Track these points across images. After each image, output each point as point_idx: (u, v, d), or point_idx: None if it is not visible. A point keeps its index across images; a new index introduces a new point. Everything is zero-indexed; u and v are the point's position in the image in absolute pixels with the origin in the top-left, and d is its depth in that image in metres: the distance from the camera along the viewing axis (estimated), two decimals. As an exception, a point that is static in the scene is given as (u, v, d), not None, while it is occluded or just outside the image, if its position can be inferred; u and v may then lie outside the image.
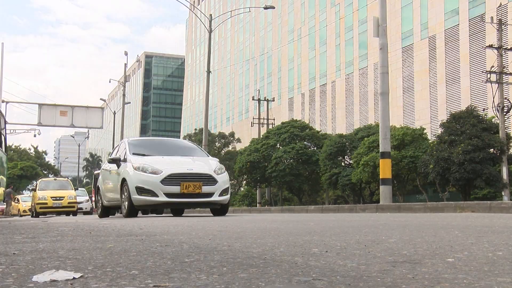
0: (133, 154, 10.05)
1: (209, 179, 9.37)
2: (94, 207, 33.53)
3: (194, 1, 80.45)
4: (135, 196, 9.30)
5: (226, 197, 9.66)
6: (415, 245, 2.28)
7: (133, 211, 9.67)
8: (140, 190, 9.25)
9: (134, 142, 11.01)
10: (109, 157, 11.09)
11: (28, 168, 57.39)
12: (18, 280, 1.47)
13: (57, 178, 26.66)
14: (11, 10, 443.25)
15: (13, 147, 60.83)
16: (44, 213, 23.83)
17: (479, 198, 21.91)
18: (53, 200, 22.53)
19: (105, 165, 11.71)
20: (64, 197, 22.82)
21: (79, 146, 67.70)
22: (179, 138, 48.32)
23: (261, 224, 4.82)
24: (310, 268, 1.61)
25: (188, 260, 1.88)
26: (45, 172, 65.49)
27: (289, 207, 17.72)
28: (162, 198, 9.21)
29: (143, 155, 10.07)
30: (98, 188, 12.17)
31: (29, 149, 66.83)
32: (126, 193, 9.60)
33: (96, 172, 27.53)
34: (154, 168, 9.27)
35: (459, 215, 6.87)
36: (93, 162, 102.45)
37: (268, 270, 1.58)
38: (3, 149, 11.63)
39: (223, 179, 9.60)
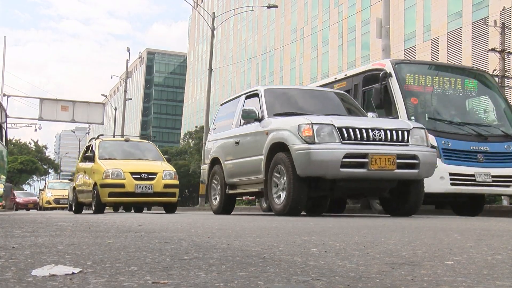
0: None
1: None
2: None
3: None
4: None
5: None
6: (414, 247, 2.28)
7: None
8: None
9: None
10: None
11: (28, 163, 57.45)
12: (17, 274, 1.47)
13: (131, 138, 14.24)
14: (13, 4, 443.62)
15: (13, 141, 60.85)
16: (125, 206, 14.65)
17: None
18: (135, 180, 11.47)
19: None
20: (156, 174, 11.72)
21: (79, 141, 67.71)
22: (180, 136, 48.26)
23: (260, 223, 4.83)
24: (309, 268, 1.61)
25: (187, 257, 1.88)
26: (45, 167, 65.54)
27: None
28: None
29: None
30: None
31: (30, 143, 66.88)
32: None
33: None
34: None
35: (458, 218, 6.87)
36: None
37: (267, 269, 1.58)
38: (4, 143, 11.62)
39: None
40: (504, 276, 1.47)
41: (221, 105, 9.91)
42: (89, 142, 13.47)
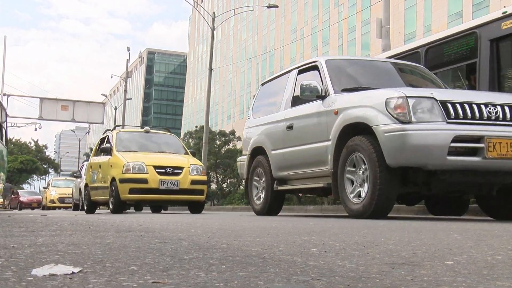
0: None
1: None
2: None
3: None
4: None
5: None
6: (414, 247, 2.28)
7: None
8: None
9: None
10: None
11: (28, 162, 57.41)
12: (17, 273, 1.47)
13: (151, 130, 12.42)
14: (13, 4, 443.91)
15: (13, 140, 60.84)
16: (139, 204, 12.85)
17: (479, 202, 21.83)
18: (160, 175, 10.30)
19: None
20: (182, 168, 10.57)
21: (79, 141, 67.75)
22: (180, 136, 48.21)
23: (260, 222, 4.83)
24: (309, 268, 1.61)
25: (187, 257, 1.88)
26: (45, 166, 65.49)
27: (289, 207, 17.70)
28: None
29: None
30: None
31: (30, 142, 66.84)
32: None
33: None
34: None
35: (458, 218, 6.87)
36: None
37: (267, 269, 1.58)
38: (4, 142, 11.62)
39: None
40: (504, 276, 1.47)
41: (263, 84, 8.30)
42: (104, 133, 12.14)
